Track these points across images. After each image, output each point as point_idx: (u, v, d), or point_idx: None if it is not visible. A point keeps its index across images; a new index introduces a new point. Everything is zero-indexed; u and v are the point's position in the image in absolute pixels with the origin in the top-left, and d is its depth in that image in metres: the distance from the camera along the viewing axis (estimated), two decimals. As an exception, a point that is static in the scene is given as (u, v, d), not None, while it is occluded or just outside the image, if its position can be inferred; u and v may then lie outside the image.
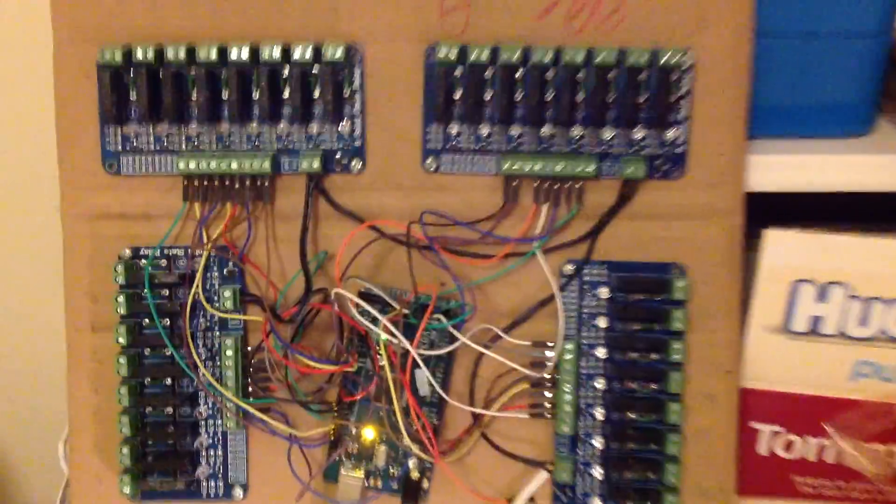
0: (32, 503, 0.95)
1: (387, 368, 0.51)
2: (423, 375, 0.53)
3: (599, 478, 0.55)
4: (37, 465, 0.93)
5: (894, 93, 0.57)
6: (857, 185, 0.54)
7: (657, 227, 0.53)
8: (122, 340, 0.55)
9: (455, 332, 0.52)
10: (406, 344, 0.51)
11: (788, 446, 0.57)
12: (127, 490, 0.56)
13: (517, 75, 0.52)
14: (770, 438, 0.57)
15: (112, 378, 0.56)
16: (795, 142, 0.54)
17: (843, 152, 0.54)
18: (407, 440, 0.53)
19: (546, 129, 0.52)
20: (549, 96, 0.52)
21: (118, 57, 0.52)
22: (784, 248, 0.53)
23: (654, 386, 0.54)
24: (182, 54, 0.52)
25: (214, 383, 0.54)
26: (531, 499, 0.55)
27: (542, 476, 0.55)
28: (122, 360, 0.55)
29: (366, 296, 0.54)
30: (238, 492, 0.57)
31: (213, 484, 0.57)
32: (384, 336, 0.51)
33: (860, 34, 0.52)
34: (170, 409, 0.56)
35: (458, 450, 0.55)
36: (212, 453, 0.57)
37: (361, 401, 0.55)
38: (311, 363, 0.51)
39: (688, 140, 0.52)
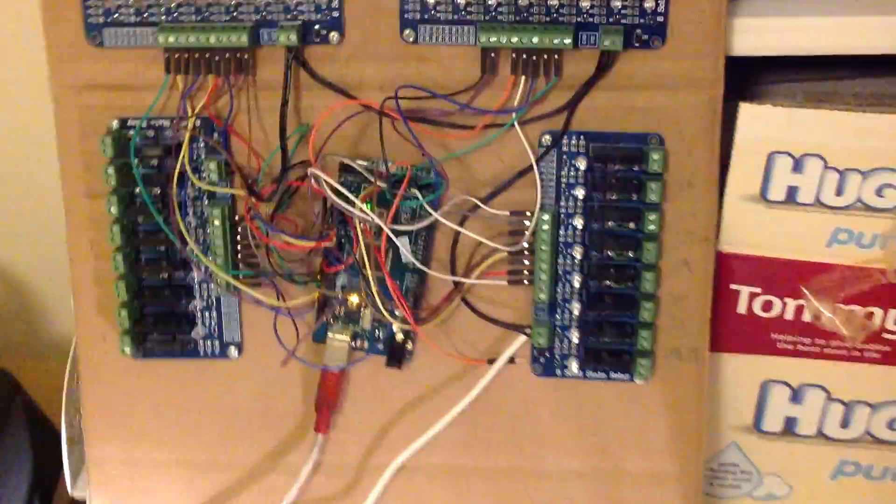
0: (52, 335, 1.01)
1: (362, 246, 0.53)
2: (403, 247, 0.55)
3: (576, 342, 0.57)
4: (56, 301, 0.99)
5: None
6: (850, 48, 0.53)
7: (635, 98, 0.53)
8: (114, 210, 0.56)
9: (429, 209, 0.54)
10: (378, 221, 0.53)
11: (767, 307, 0.59)
12: (128, 350, 0.59)
13: (493, -57, 0.51)
14: (749, 299, 0.58)
15: (109, 243, 0.58)
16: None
17: (834, 13, 0.53)
18: (385, 312, 0.55)
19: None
20: (527, -36, 0.51)
21: (93, -73, 0.52)
22: (760, 121, 0.53)
23: (630, 254, 0.55)
24: (156, -76, 0.52)
25: (200, 255, 0.56)
26: (511, 359, 0.58)
27: (521, 339, 0.57)
28: (116, 228, 0.57)
29: (346, 168, 0.55)
30: (233, 351, 0.60)
31: (209, 344, 0.60)
32: (357, 213, 0.52)
33: None
34: (164, 275, 0.58)
35: (439, 315, 0.57)
36: (207, 315, 0.59)
37: (344, 270, 0.57)
38: (290, 240, 0.53)
39: (667, 8, 0.51)
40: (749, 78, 0.56)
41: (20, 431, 0.78)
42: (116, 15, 0.54)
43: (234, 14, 0.54)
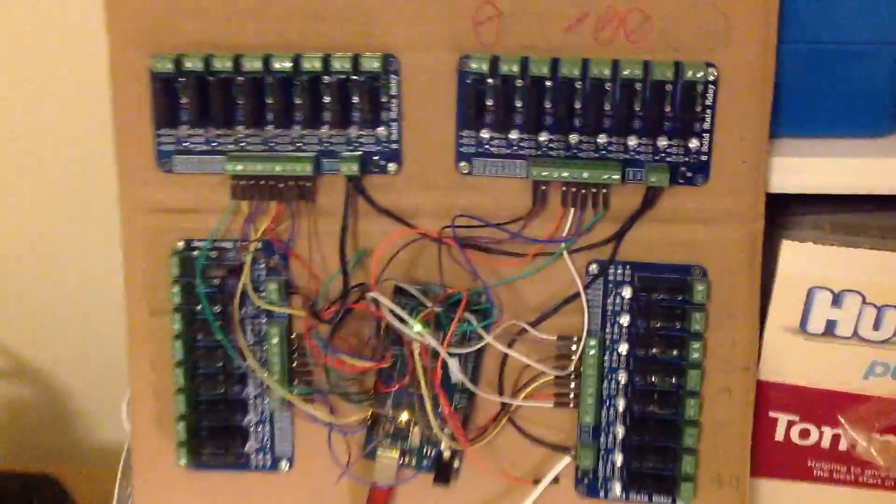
0: (98, 442, 1.03)
1: (417, 365, 0.55)
2: (454, 367, 0.57)
3: (620, 465, 0.58)
4: (104, 409, 1.00)
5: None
6: (880, 188, 0.55)
7: (679, 231, 0.56)
8: (176, 327, 0.59)
9: (482, 333, 0.56)
10: (435, 344, 0.55)
11: (804, 434, 0.60)
12: (182, 462, 0.60)
13: (546, 85, 0.54)
14: (787, 427, 0.60)
15: (169, 358, 0.60)
16: (820, 142, 0.56)
17: (867, 154, 0.55)
18: (437, 430, 0.56)
19: (574, 137, 0.55)
20: (577, 105, 0.54)
21: (169, 66, 0.55)
22: (801, 257, 0.55)
23: (673, 381, 0.57)
24: (228, 63, 0.55)
25: (258, 370, 0.58)
26: (555, 480, 0.59)
27: (565, 460, 0.59)
28: (178, 344, 0.59)
29: (401, 290, 0.57)
30: (284, 465, 0.61)
31: (260, 457, 0.61)
32: (415, 336, 0.54)
33: (883, 42, 0.53)
34: (221, 390, 0.60)
35: (486, 435, 0.59)
36: (259, 429, 0.61)
37: (397, 390, 0.59)
38: (348, 360, 0.55)
39: (710, 149, 0.54)
40: (777, 208, 0.58)
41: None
42: (187, 144, 0.57)
43: (299, 145, 0.57)
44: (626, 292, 0.57)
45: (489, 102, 0.55)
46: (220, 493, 0.62)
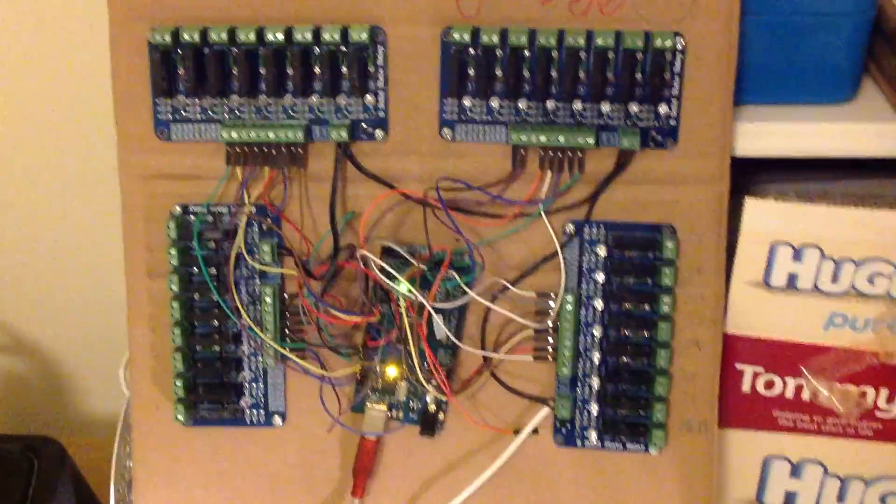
0: (95, 412, 1.05)
1: (405, 320, 0.58)
2: (439, 322, 0.60)
3: (595, 414, 0.62)
4: (100, 379, 1.03)
5: (881, 59, 0.62)
6: (840, 151, 0.59)
7: (650, 192, 0.59)
8: (174, 288, 0.62)
9: (465, 288, 0.59)
10: (422, 299, 0.58)
11: (769, 385, 0.63)
12: (181, 417, 0.63)
13: (524, 55, 0.57)
14: (752, 378, 0.63)
15: (166, 319, 0.63)
16: (782, 108, 0.59)
17: (827, 119, 0.59)
18: (423, 382, 0.60)
19: (550, 104, 0.58)
20: (554, 74, 0.57)
21: (167, 38, 0.58)
22: (763, 214, 0.59)
23: (645, 334, 0.60)
24: (224, 35, 0.58)
25: (254, 327, 0.61)
26: (535, 430, 0.62)
27: (544, 411, 0.62)
28: (175, 304, 0.62)
29: (388, 250, 0.61)
30: (277, 420, 0.64)
31: (255, 412, 0.64)
32: (403, 291, 0.57)
33: (840, 13, 0.57)
34: (217, 348, 0.63)
35: (470, 387, 0.62)
36: (254, 386, 0.64)
37: (384, 345, 0.62)
38: (339, 314, 0.58)
39: (679, 114, 0.58)
40: (745, 179, 0.61)
41: (69, 501, 0.81)
42: (184, 112, 0.60)
43: (291, 113, 0.60)
44: (601, 251, 0.60)
45: (470, 72, 0.58)
46: (217, 448, 0.65)
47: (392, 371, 0.62)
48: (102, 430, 0.99)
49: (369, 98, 0.59)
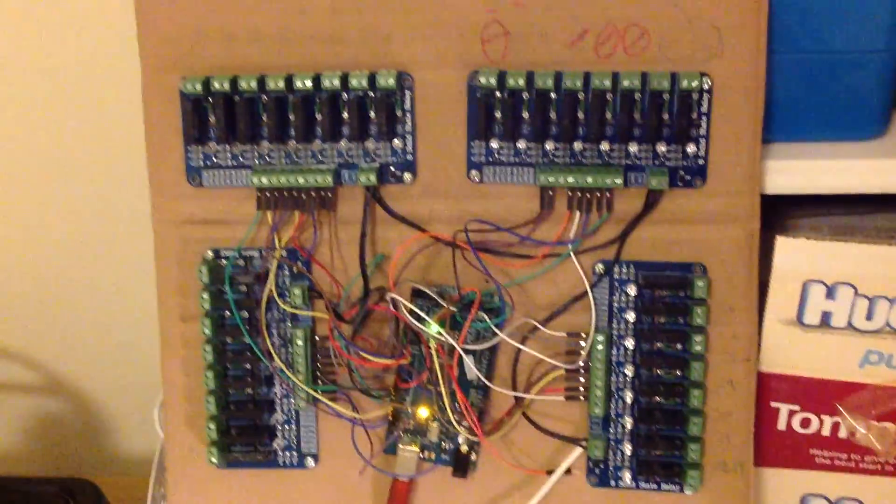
0: (130, 452, 1.06)
1: (435, 362, 0.58)
2: (470, 364, 0.60)
3: (629, 454, 0.61)
4: (135, 420, 1.03)
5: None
6: (870, 187, 0.58)
7: (680, 231, 0.59)
8: (207, 331, 0.62)
9: (496, 329, 0.59)
10: (452, 341, 0.58)
11: (805, 423, 0.63)
12: (214, 460, 0.64)
13: (551, 97, 0.58)
14: (788, 416, 0.63)
15: (199, 362, 0.63)
16: (812, 146, 0.59)
17: (857, 156, 0.58)
18: (455, 424, 0.60)
19: (578, 145, 0.58)
20: (580, 115, 0.58)
21: (198, 87, 0.59)
22: (794, 252, 0.58)
23: (678, 373, 0.60)
24: (253, 84, 0.59)
25: (286, 370, 0.62)
26: (568, 470, 0.62)
27: (577, 451, 0.62)
28: (208, 348, 0.63)
29: (418, 292, 0.61)
30: (310, 462, 0.65)
31: (288, 454, 0.65)
32: (433, 333, 0.58)
33: (869, 50, 0.57)
34: (249, 390, 0.64)
35: (502, 428, 0.62)
36: (286, 428, 0.64)
37: (415, 387, 0.62)
38: (369, 357, 0.59)
39: (707, 153, 0.57)
40: (777, 214, 0.61)
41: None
42: (215, 159, 0.61)
43: (320, 158, 0.60)
44: (631, 290, 0.60)
45: (497, 114, 0.58)
46: (250, 490, 0.65)
47: (424, 412, 0.62)
48: (137, 470, 1.00)
49: (397, 142, 0.60)
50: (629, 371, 0.61)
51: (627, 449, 0.61)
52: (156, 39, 0.60)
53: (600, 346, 0.60)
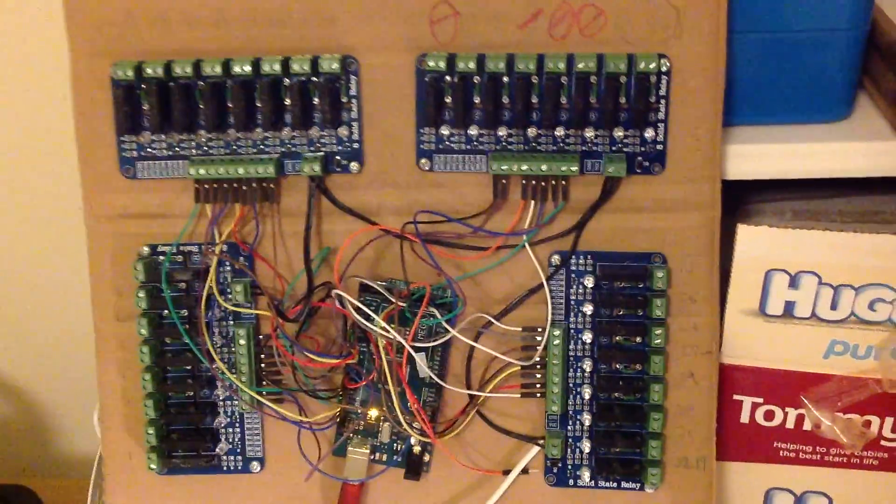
0: (72, 452, 1.03)
1: (384, 360, 0.56)
2: (421, 362, 0.58)
3: (588, 452, 0.59)
4: (76, 420, 1.00)
5: (877, 75, 0.60)
6: (836, 171, 0.56)
7: (639, 220, 0.57)
8: (144, 332, 0.59)
9: (447, 327, 0.57)
10: (400, 339, 0.55)
11: (769, 416, 0.61)
12: (154, 466, 0.60)
13: (503, 81, 0.55)
14: (752, 409, 0.61)
15: (137, 364, 0.60)
16: (775, 129, 0.57)
17: (822, 139, 0.56)
18: (405, 425, 0.57)
19: (532, 131, 0.56)
20: (534, 100, 0.55)
21: (129, 72, 0.56)
22: (757, 240, 0.56)
23: (637, 367, 0.58)
24: (189, 69, 0.55)
25: (227, 372, 0.59)
26: (525, 470, 0.60)
27: (534, 450, 0.60)
28: (145, 349, 0.59)
29: (366, 287, 0.58)
30: (255, 466, 0.62)
31: (232, 459, 0.62)
32: (380, 331, 0.55)
33: (833, 29, 0.55)
34: (190, 393, 0.61)
35: (455, 428, 0.59)
36: (230, 431, 0.61)
37: (365, 386, 0.59)
38: (314, 357, 0.56)
39: (666, 139, 0.55)
40: (739, 198, 0.59)
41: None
42: (150, 149, 0.58)
43: (261, 147, 0.57)
44: (589, 282, 0.58)
45: (447, 100, 0.56)
46: (193, 497, 0.62)
47: (374, 413, 0.60)
48: (80, 472, 0.97)
49: (343, 130, 0.57)
50: (587, 366, 0.58)
51: (586, 447, 0.59)
52: (85, 22, 0.57)
53: (557, 341, 0.57)
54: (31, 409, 0.99)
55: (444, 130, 0.56)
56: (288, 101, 0.56)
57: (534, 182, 0.56)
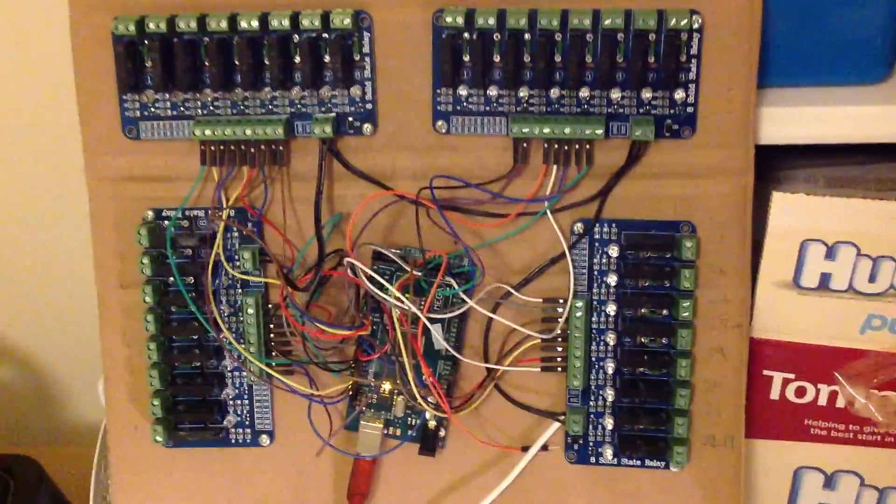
0: (77, 422, 1.02)
1: (398, 332, 0.53)
2: (437, 334, 0.55)
3: (610, 429, 0.57)
4: (81, 389, 0.99)
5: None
6: (874, 136, 0.53)
7: (667, 186, 0.54)
8: (148, 300, 0.57)
9: (464, 297, 0.54)
10: (415, 310, 0.53)
11: (800, 392, 0.59)
12: (159, 439, 0.59)
13: (525, 38, 0.52)
14: (782, 385, 0.59)
15: (141, 332, 0.58)
16: (810, 91, 0.54)
17: (860, 102, 0.53)
18: (420, 399, 0.55)
19: (554, 91, 0.53)
20: (557, 59, 0.52)
21: (131, 28, 0.53)
22: (792, 208, 0.54)
23: (663, 341, 0.56)
24: (193, 24, 0.53)
25: (234, 343, 0.57)
26: (545, 447, 0.58)
27: (554, 426, 0.57)
28: (150, 317, 0.57)
29: (379, 255, 0.56)
30: (265, 439, 0.60)
31: (240, 432, 0.60)
32: (394, 301, 0.53)
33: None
34: (197, 363, 0.59)
35: (472, 402, 0.57)
36: (238, 403, 0.59)
37: (378, 358, 0.57)
38: (325, 328, 0.54)
39: (697, 100, 0.52)
40: (770, 163, 0.57)
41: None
42: (153, 109, 0.55)
43: (270, 107, 0.55)
44: (613, 251, 0.55)
45: (466, 58, 0.53)
46: (200, 470, 0.61)
47: (388, 386, 0.58)
48: (85, 440, 0.96)
49: (355, 89, 0.54)
50: (611, 339, 0.56)
51: (609, 423, 0.57)
52: (84, -25, 0.54)
53: (579, 313, 0.55)
54: (35, 377, 0.98)
55: (462, 91, 0.54)
56: (297, 59, 0.54)
57: (556, 146, 0.54)
